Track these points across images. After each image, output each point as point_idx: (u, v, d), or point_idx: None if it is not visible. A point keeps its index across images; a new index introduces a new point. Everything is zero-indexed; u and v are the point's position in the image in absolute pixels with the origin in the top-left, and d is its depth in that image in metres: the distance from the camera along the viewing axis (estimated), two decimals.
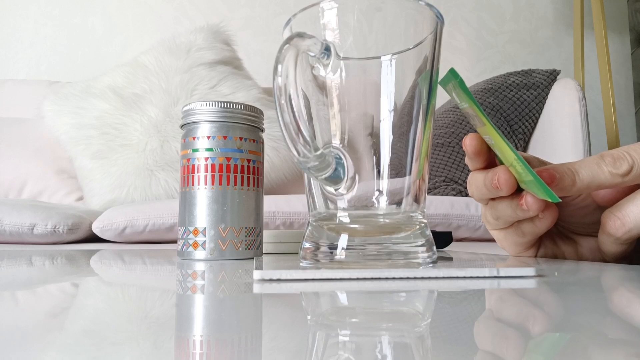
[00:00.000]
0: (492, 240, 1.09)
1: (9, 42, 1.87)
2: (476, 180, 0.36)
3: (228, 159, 0.42)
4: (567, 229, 0.41)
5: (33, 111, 1.52)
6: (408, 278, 0.25)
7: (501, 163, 0.34)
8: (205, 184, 0.42)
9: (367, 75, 0.29)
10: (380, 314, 0.17)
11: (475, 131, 0.38)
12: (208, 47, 1.51)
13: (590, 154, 1.45)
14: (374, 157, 0.29)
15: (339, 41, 0.28)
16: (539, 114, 1.50)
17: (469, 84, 1.75)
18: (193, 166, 0.42)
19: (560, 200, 0.32)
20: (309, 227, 0.30)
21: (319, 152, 0.27)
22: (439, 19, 0.30)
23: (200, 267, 0.35)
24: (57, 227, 1.00)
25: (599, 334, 0.15)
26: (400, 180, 0.29)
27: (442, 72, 0.28)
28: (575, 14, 1.89)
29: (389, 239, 0.28)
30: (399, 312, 0.18)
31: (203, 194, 0.41)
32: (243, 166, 0.42)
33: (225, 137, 0.42)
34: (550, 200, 0.31)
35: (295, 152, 0.26)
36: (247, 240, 0.42)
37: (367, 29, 0.29)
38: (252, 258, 0.42)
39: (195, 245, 0.41)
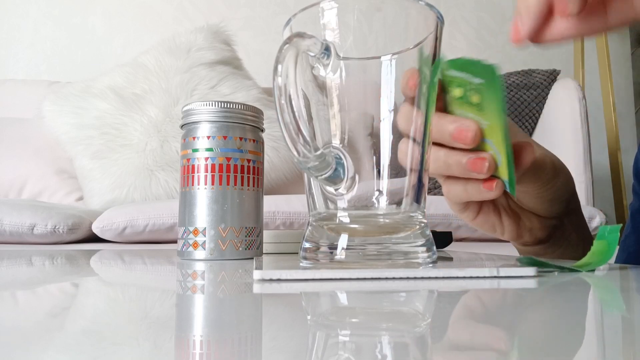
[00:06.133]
0: (492, 240, 1.09)
1: (9, 42, 1.86)
2: (441, 124, 0.33)
3: (228, 159, 0.42)
4: (514, 202, 0.42)
5: (33, 111, 1.51)
6: (408, 278, 0.25)
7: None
8: (205, 184, 0.42)
9: (367, 75, 0.29)
10: (380, 314, 0.17)
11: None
12: (208, 47, 1.51)
13: (590, 154, 1.45)
14: (374, 157, 0.29)
15: (339, 41, 0.28)
16: (539, 114, 1.50)
17: None
18: (193, 166, 0.42)
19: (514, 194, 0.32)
20: (309, 227, 0.30)
21: (319, 152, 0.27)
22: (439, 19, 0.30)
23: (200, 267, 0.35)
24: (57, 227, 1.00)
25: (599, 334, 0.15)
26: (400, 180, 0.29)
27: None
28: None
29: (389, 239, 0.28)
30: (399, 312, 0.18)
31: (203, 194, 0.41)
32: (243, 166, 0.42)
33: (225, 137, 0.42)
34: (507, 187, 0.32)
35: (295, 152, 0.26)
36: (247, 240, 0.42)
37: (367, 29, 0.29)
38: (252, 258, 0.42)
39: (195, 245, 0.41)
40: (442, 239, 0.53)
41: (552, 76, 1.52)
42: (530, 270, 0.26)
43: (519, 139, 0.37)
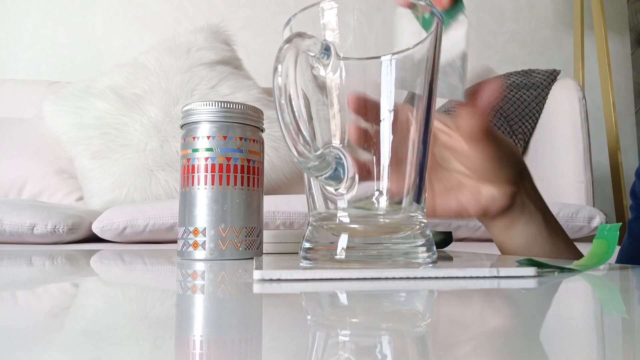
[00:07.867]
0: (492, 240, 1.09)
1: (9, 42, 1.86)
2: None
3: (228, 159, 0.42)
4: (469, 178, 0.46)
5: (33, 111, 1.51)
6: (408, 278, 0.25)
7: None
8: (205, 184, 0.42)
9: (367, 75, 0.29)
10: (380, 314, 0.17)
11: None
12: (208, 47, 1.51)
13: (590, 154, 1.45)
14: (374, 157, 0.29)
15: (339, 41, 0.28)
16: (539, 114, 1.50)
17: None
18: (193, 166, 0.42)
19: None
20: (309, 227, 0.30)
21: (319, 152, 0.27)
22: (439, 19, 0.30)
23: (200, 267, 0.35)
24: (57, 227, 1.00)
25: (599, 334, 0.15)
26: (400, 180, 0.29)
27: None
28: (575, 14, 1.89)
29: (389, 239, 0.28)
30: (399, 312, 0.18)
31: (203, 194, 0.41)
32: (243, 166, 0.42)
33: (225, 137, 0.42)
34: None
35: (295, 152, 0.26)
36: (247, 240, 0.42)
37: (367, 29, 0.29)
38: (252, 258, 0.42)
39: (195, 245, 0.41)
40: (442, 239, 0.53)
41: (552, 76, 1.52)
42: (530, 270, 0.26)
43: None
